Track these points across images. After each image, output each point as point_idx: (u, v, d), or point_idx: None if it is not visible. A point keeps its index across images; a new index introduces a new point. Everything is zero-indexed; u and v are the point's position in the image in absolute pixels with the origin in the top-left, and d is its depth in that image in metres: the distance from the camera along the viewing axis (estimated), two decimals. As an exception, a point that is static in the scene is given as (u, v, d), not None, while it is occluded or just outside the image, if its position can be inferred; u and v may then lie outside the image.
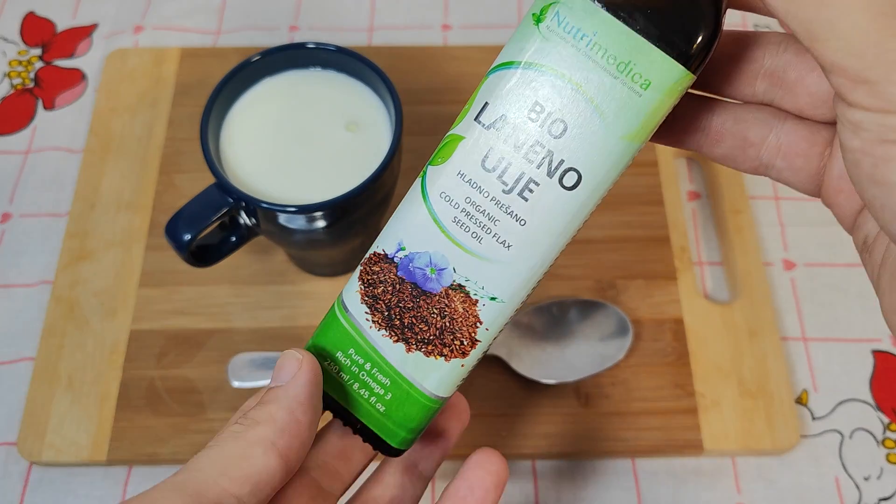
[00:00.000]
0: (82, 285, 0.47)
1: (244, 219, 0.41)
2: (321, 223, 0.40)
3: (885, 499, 0.42)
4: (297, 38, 0.57)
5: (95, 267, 0.47)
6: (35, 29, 0.58)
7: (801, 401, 0.45)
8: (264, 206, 0.38)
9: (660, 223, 0.49)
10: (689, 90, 0.24)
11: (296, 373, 0.25)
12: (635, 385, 0.44)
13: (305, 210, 0.38)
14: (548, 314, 0.45)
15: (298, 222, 0.39)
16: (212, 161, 0.39)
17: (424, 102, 0.52)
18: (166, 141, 0.51)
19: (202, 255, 0.41)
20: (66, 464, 0.42)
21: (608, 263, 0.47)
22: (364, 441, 0.26)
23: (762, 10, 0.22)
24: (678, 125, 0.24)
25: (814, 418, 0.44)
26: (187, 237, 0.38)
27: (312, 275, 0.48)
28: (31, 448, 0.42)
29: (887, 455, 0.43)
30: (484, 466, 0.27)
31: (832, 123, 0.23)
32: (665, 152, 0.51)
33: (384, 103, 0.42)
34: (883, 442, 0.43)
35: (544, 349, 0.44)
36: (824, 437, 0.44)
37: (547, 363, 0.43)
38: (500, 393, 0.44)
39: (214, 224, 0.39)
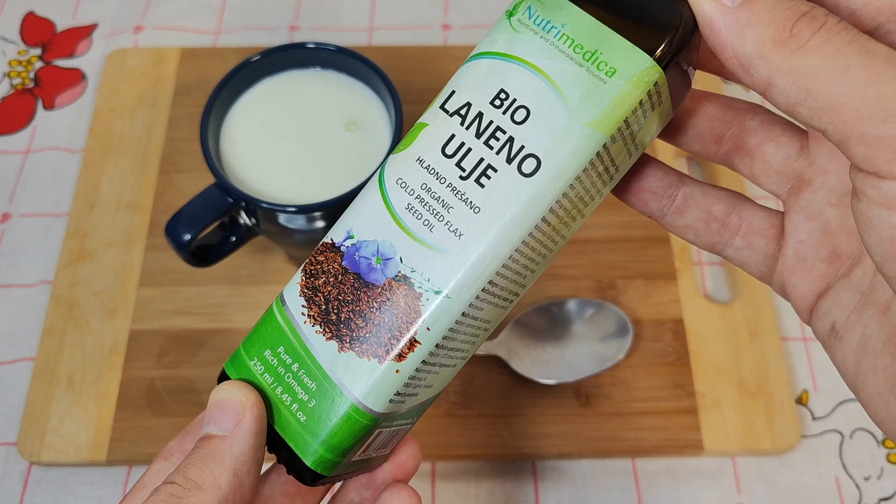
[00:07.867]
0: (82, 285, 0.47)
1: (244, 219, 0.41)
2: (321, 223, 0.40)
3: (885, 499, 0.42)
4: (297, 38, 0.57)
5: (95, 267, 0.47)
6: (35, 29, 0.58)
7: (801, 401, 0.45)
8: (264, 206, 0.38)
9: (660, 223, 0.49)
10: (661, 159, 0.25)
11: (240, 421, 0.22)
12: (635, 385, 0.44)
13: (305, 210, 0.38)
14: (548, 314, 0.45)
15: (298, 222, 0.39)
16: (212, 161, 0.39)
17: (424, 102, 0.51)
18: (166, 141, 0.51)
19: (202, 255, 0.41)
20: (66, 464, 0.42)
21: (608, 263, 0.47)
22: (279, 461, 0.23)
23: (734, 78, 0.21)
24: (646, 186, 0.25)
25: (814, 418, 0.44)
26: (187, 237, 0.38)
27: (312, 275, 0.48)
28: (30, 448, 0.42)
29: (887, 455, 0.43)
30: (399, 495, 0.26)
31: (780, 209, 0.24)
32: (665, 152, 0.51)
33: (384, 103, 0.42)
34: (883, 442, 0.43)
35: (544, 349, 0.44)
36: (824, 437, 0.44)
37: (547, 363, 0.43)
38: (500, 393, 0.44)
39: (214, 224, 0.39)
